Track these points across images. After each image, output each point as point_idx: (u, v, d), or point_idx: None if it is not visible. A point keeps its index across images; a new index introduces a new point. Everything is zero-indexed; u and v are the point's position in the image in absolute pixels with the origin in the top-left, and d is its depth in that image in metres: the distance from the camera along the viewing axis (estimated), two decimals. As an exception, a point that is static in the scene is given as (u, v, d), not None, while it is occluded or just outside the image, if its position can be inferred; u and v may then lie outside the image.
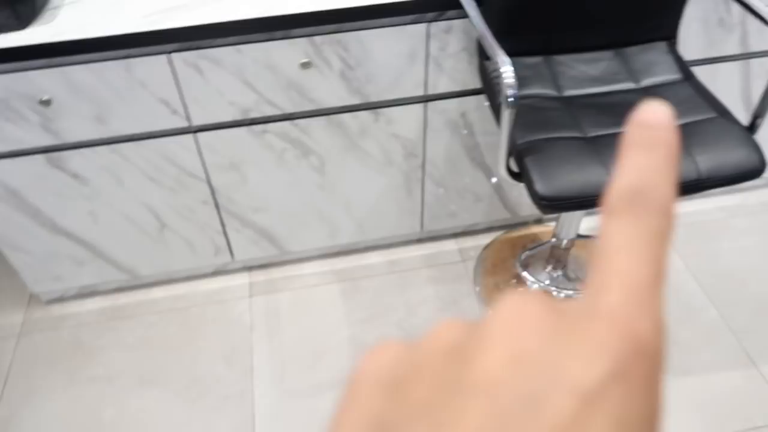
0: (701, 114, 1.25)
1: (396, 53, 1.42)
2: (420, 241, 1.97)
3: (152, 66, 1.33)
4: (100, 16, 1.29)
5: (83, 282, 1.77)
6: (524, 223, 2.01)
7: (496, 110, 1.31)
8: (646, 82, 1.34)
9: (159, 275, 1.85)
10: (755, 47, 1.64)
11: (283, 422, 1.54)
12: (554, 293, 1.78)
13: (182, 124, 1.45)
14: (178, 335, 1.74)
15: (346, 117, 1.53)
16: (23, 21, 1.23)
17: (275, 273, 1.90)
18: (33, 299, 1.83)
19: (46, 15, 1.30)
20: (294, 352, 1.69)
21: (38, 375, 1.66)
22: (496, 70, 1.13)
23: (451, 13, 1.37)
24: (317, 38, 1.36)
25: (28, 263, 1.67)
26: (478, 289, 1.82)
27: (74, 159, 1.46)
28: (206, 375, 1.64)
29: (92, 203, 1.57)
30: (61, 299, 1.84)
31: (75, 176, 1.50)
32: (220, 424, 1.55)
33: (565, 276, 1.81)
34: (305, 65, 1.39)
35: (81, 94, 1.35)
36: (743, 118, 1.80)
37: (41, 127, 1.38)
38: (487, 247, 1.94)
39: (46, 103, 1.34)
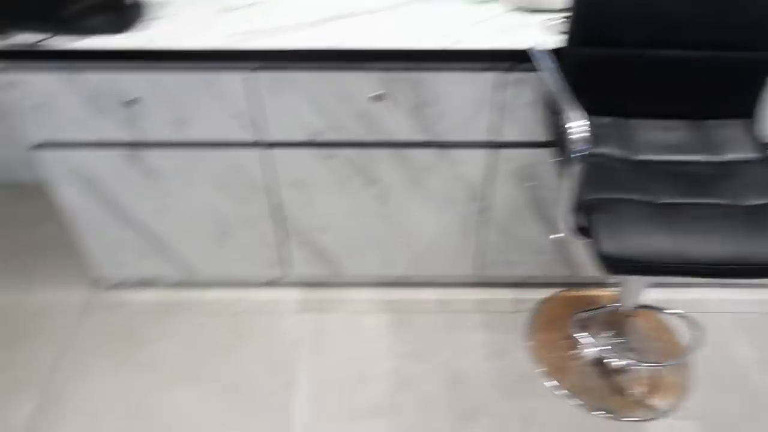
0: (782, 197, 1.16)
1: (467, 97, 1.41)
2: (474, 285, 1.92)
3: (232, 81, 1.39)
4: (191, 30, 1.37)
5: (144, 274, 1.86)
6: (584, 284, 1.92)
7: (562, 164, 1.27)
8: (723, 156, 1.27)
9: (215, 278, 1.91)
10: None
11: (311, 443, 1.55)
12: (608, 360, 1.68)
13: (254, 138, 1.51)
14: (226, 338, 1.79)
15: (412, 152, 1.53)
16: (120, 26, 1.33)
17: (327, 294, 1.91)
18: (95, 283, 1.95)
19: (141, 24, 1.39)
20: (336, 374, 1.68)
21: (91, 354, 1.75)
22: (566, 124, 1.09)
23: (524, 65, 1.35)
24: (391, 74, 1.38)
25: (96, 248, 1.78)
26: (529, 343, 1.75)
27: (152, 157, 1.55)
28: (248, 381, 1.67)
29: (163, 200, 1.65)
30: (120, 286, 1.94)
31: (150, 173, 1.58)
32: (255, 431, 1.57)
33: (623, 344, 1.70)
34: (377, 97, 1.41)
35: (164, 98, 1.43)
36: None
37: (125, 124, 1.48)
38: (543, 302, 1.87)
39: (133, 102, 1.43)
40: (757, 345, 1.73)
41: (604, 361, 1.69)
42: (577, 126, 1.07)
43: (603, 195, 1.19)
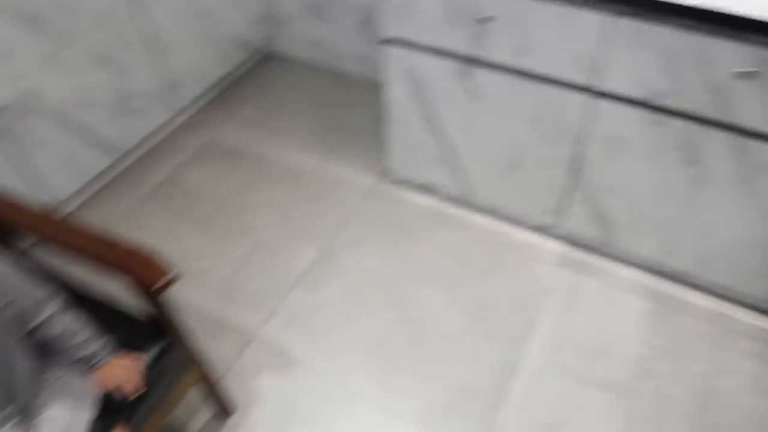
0: None
1: None
2: (763, 311, 1.70)
3: (589, 21, 1.35)
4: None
5: (428, 180, 1.98)
6: None
7: None
8: None
9: (489, 205, 1.95)
10: None
11: (540, 387, 1.57)
12: None
13: (586, 83, 1.46)
14: (483, 262, 1.85)
15: (757, 144, 1.35)
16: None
17: (590, 258, 1.85)
18: (384, 174, 2.13)
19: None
20: (577, 335, 1.66)
21: (366, 232, 1.95)
22: None
23: None
24: (776, 51, 1.20)
25: (398, 144, 1.93)
26: (804, 396, 1.52)
27: (481, 76, 1.60)
28: (493, 306, 1.74)
29: (473, 119, 1.71)
30: (403, 184, 2.09)
31: (473, 91, 1.64)
32: (485, 353, 1.64)
33: None
34: (745, 74, 1.25)
35: (517, 23, 1.44)
36: None
37: (471, 39, 1.53)
38: (844, 359, 1.59)
39: (486, 20, 1.47)
40: None
41: None
42: None
43: None
